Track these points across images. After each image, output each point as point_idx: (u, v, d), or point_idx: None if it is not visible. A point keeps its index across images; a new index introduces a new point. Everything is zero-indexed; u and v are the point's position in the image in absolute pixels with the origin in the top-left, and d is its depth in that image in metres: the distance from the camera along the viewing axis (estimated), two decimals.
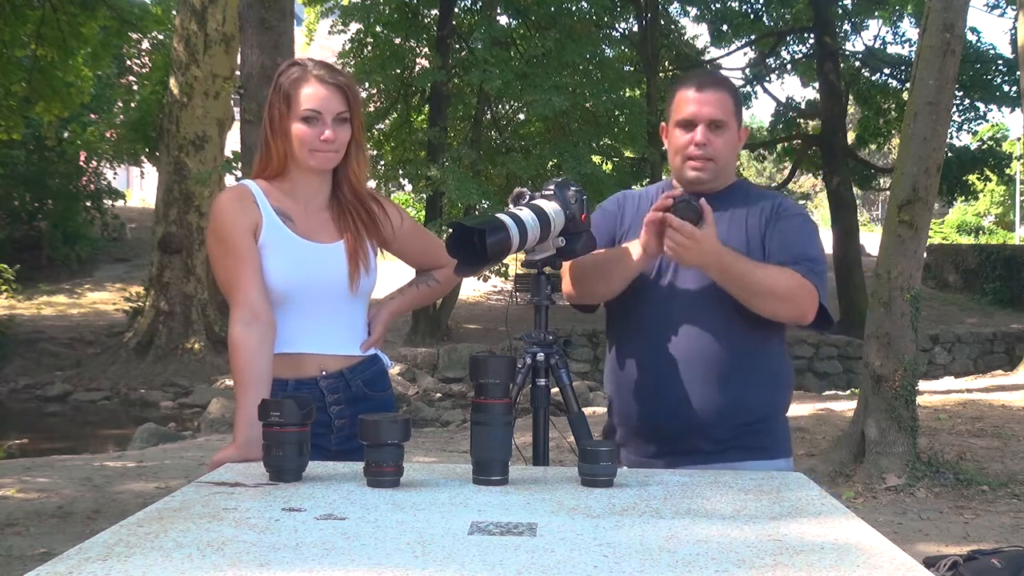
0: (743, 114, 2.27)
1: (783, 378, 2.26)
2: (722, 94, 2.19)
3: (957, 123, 20.23)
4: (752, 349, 2.16)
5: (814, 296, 2.11)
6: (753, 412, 2.15)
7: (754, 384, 2.15)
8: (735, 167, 2.31)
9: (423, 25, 17.56)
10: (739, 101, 2.24)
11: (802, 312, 2.11)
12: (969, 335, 17.55)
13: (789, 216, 2.19)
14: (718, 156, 2.17)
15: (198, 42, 16.27)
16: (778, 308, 2.11)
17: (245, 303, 2.04)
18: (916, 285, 6.24)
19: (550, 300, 2.18)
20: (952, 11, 6.13)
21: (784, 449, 2.22)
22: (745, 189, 2.30)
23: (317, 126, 2.08)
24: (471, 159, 15.38)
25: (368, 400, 2.15)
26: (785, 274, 2.09)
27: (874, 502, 5.67)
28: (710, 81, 2.24)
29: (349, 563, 1.21)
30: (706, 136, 2.15)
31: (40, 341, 17.30)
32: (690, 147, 2.17)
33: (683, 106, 2.18)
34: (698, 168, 2.17)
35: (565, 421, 2.19)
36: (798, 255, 2.12)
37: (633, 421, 2.20)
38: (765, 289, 2.07)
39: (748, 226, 2.18)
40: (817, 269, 2.13)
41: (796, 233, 2.17)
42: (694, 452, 2.12)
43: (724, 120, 2.17)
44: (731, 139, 2.20)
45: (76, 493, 5.73)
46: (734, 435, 2.13)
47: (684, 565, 1.23)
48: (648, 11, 19.86)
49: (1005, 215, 41.10)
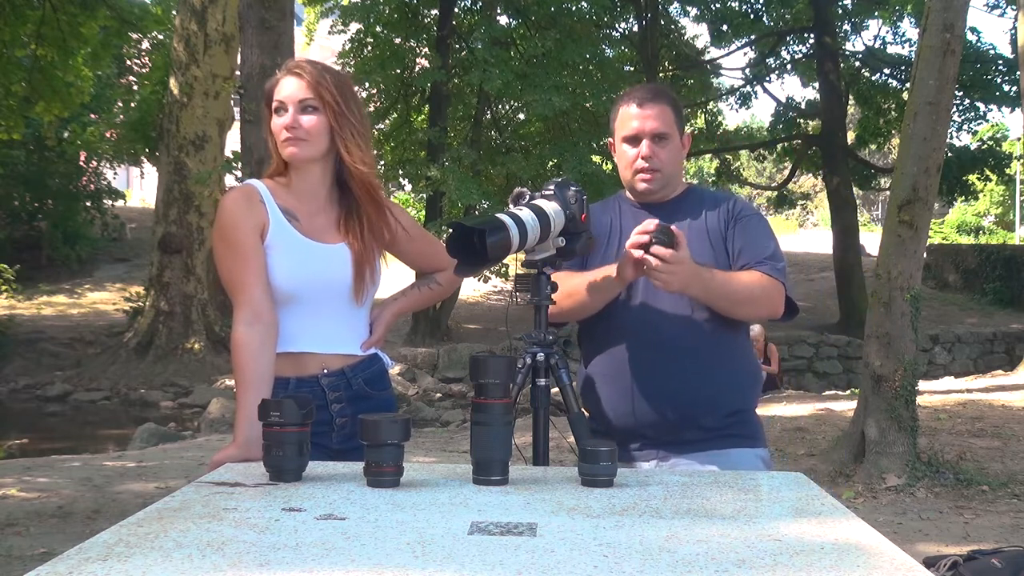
0: (684, 122, 2.39)
1: (755, 372, 2.39)
2: (662, 107, 2.29)
3: (957, 123, 20.23)
4: (729, 342, 2.27)
5: (781, 292, 2.24)
6: (736, 402, 2.26)
7: (734, 375, 2.26)
8: (682, 174, 2.42)
9: (423, 25, 17.56)
10: (679, 111, 2.34)
11: (774, 309, 2.25)
12: (969, 335, 17.54)
13: (746, 217, 2.31)
14: (664, 167, 2.28)
15: (198, 42, 16.27)
16: (754, 311, 2.27)
17: (248, 303, 2.04)
18: (916, 285, 6.24)
19: (550, 300, 2.18)
20: (952, 11, 6.13)
21: (763, 439, 2.33)
22: (698, 194, 2.40)
23: (283, 116, 2.10)
24: (471, 159, 15.37)
25: (369, 399, 2.16)
26: (755, 277, 2.21)
27: (874, 502, 5.67)
28: (650, 96, 2.33)
29: (349, 563, 1.21)
30: (651, 149, 2.27)
31: (40, 341, 17.30)
32: (637, 161, 2.28)
33: (627, 122, 2.30)
34: (647, 180, 2.28)
35: (565, 421, 2.19)
36: (761, 255, 2.24)
37: (618, 419, 2.23)
38: (744, 297, 2.20)
39: (708, 229, 2.28)
40: (779, 266, 2.26)
41: (755, 233, 2.29)
42: (684, 442, 2.20)
43: (667, 132, 2.28)
44: (675, 149, 2.31)
45: (76, 493, 5.73)
46: (722, 424, 2.22)
47: (684, 565, 1.23)
48: (648, 11, 19.86)
49: (1005, 215, 41.09)
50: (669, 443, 2.21)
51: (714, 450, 2.19)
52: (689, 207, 2.32)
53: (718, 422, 2.21)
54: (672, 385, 2.20)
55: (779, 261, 2.27)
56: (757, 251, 2.25)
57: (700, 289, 2.13)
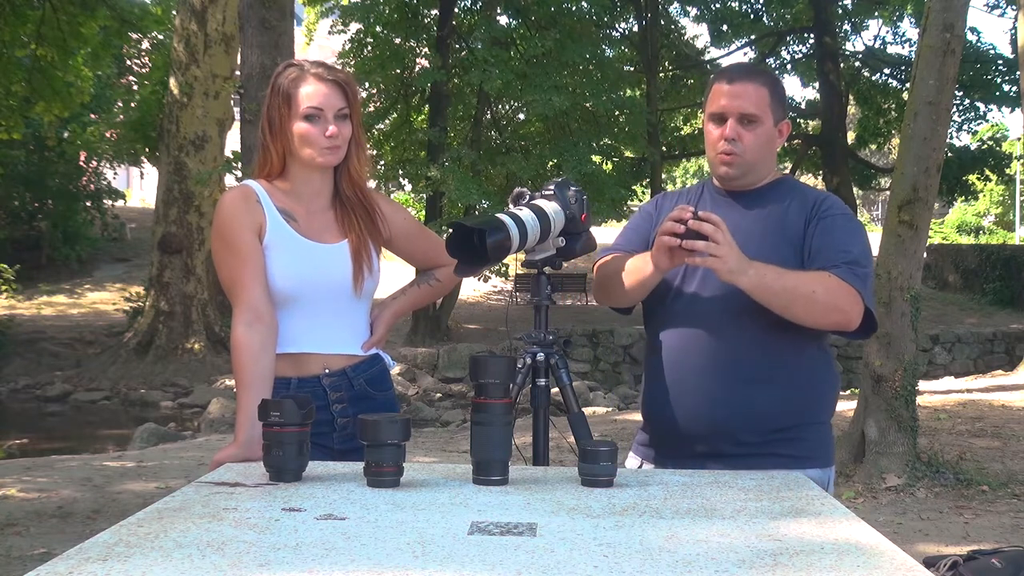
0: (785, 107, 2.15)
1: (822, 384, 2.14)
2: (755, 86, 2.07)
3: (957, 123, 20.27)
4: (783, 352, 2.05)
5: (857, 301, 1.97)
6: (784, 418, 2.04)
7: (786, 389, 2.05)
8: (773, 162, 2.17)
9: (423, 25, 17.57)
10: (778, 94, 2.11)
11: (846, 318, 1.98)
12: (969, 335, 17.55)
13: (831, 216, 2.06)
14: (748, 151, 2.06)
15: (198, 42, 16.28)
16: (818, 315, 1.98)
17: (248, 303, 2.04)
18: (916, 285, 6.25)
19: (550, 300, 2.17)
20: (952, 11, 6.13)
21: (822, 458, 2.10)
22: (789, 185, 2.17)
23: (319, 123, 2.07)
24: (471, 159, 15.38)
25: (371, 399, 2.16)
26: (823, 278, 1.96)
27: (874, 502, 5.67)
28: (743, 73, 2.13)
29: (349, 563, 1.21)
30: (735, 131, 2.06)
31: (40, 341, 17.31)
32: (720, 142, 2.08)
33: (715, 99, 2.09)
34: (727, 163, 2.08)
35: (565, 421, 2.19)
36: (839, 257, 1.99)
37: (661, 422, 2.13)
38: (801, 296, 1.94)
39: (787, 224, 2.07)
40: (860, 272, 1.98)
41: (838, 233, 2.04)
42: (719, 456, 2.03)
43: (756, 114, 2.06)
44: (765, 134, 2.08)
45: (76, 493, 5.73)
46: (763, 440, 2.03)
47: (684, 565, 1.23)
48: (648, 11, 19.87)
49: (1005, 215, 41.10)
50: (704, 455, 2.04)
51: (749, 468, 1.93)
52: (774, 198, 2.10)
53: (756, 437, 2.02)
54: (713, 394, 2.03)
55: (861, 267, 1.99)
56: (835, 253, 1.99)
57: (751, 280, 1.90)
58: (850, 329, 2.01)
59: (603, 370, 16.37)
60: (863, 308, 1.98)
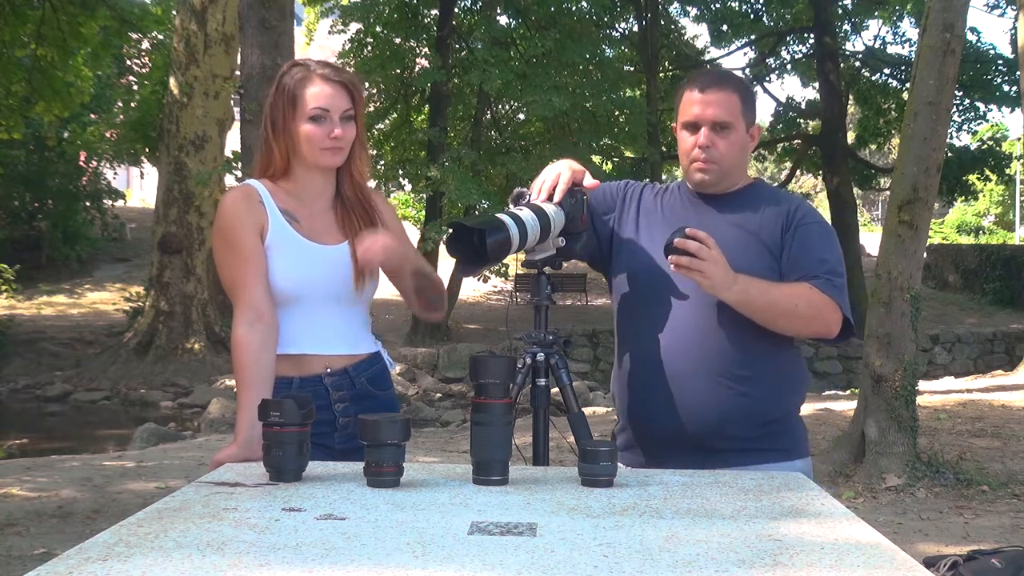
0: (755, 111, 2.19)
1: (797, 379, 2.23)
2: (727, 94, 2.12)
3: (957, 123, 20.27)
4: (764, 350, 2.10)
5: (836, 310, 2.06)
6: (769, 413, 2.11)
7: (769, 385, 2.11)
8: (745, 167, 2.23)
9: (423, 25, 17.58)
10: (748, 99, 2.15)
11: (826, 328, 2.07)
12: (969, 335, 17.56)
13: (806, 224, 2.12)
14: (722, 158, 2.11)
15: (198, 42, 16.27)
16: (800, 327, 2.09)
17: (249, 303, 2.04)
18: (916, 285, 6.25)
19: (550, 300, 2.17)
20: (952, 11, 6.13)
21: (802, 449, 2.18)
22: (761, 191, 2.22)
23: (325, 124, 2.07)
24: (471, 159, 15.39)
25: (372, 398, 2.15)
26: (803, 291, 2.03)
27: (874, 502, 5.67)
28: (714, 81, 2.17)
29: (349, 563, 1.21)
30: (709, 138, 2.10)
31: (40, 341, 17.31)
32: (694, 150, 2.12)
33: (687, 108, 2.13)
34: (702, 170, 2.12)
35: (565, 421, 2.19)
36: (818, 267, 2.06)
37: (650, 426, 2.14)
38: (785, 310, 2.03)
39: (761, 228, 2.12)
40: (838, 282, 2.06)
41: (813, 244, 2.10)
42: (708, 452, 2.06)
43: (729, 121, 2.10)
44: (738, 140, 2.13)
45: (76, 493, 5.73)
46: (751, 436, 2.08)
47: (684, 565, 1.23)
48: (648, 11, 19.87)
49: (1005, 215, 41.11)
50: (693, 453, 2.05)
51: (743, 465, 2.01)
52: (748, 203, 2.15)
53: (744, 432, 2.07)
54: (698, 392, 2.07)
55: (837, 276, 2.07)
56: (812, 264, 2.06)
57: (735, 296, 1.97)
58: (829, 338, 2.10)
59: (603, 370, 16.37)
60: (841, 317, 2.08)
